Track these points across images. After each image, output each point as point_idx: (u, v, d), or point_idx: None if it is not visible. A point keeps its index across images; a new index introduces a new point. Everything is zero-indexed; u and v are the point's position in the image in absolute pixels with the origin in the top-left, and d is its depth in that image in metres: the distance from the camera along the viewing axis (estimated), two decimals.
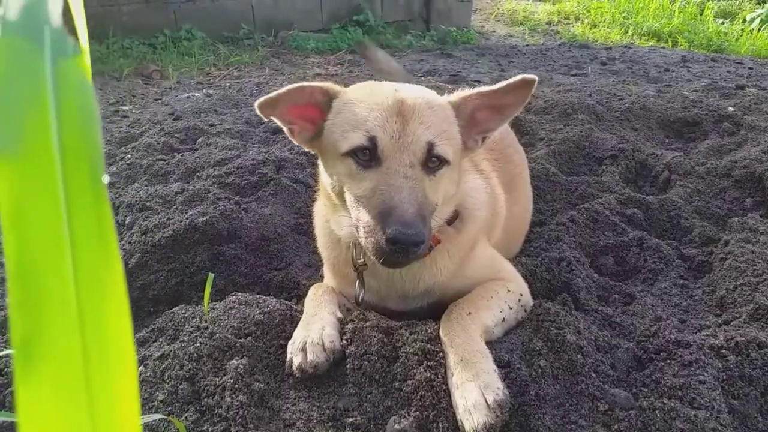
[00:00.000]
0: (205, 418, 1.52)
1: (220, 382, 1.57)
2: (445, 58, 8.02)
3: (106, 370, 0.30)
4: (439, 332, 1.70)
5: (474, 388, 1.45)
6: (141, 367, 1.64)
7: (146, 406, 1.54)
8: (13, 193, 0.31)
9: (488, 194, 1.98)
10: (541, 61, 7.78)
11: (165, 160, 3.53)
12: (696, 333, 1.89)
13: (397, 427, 1.42)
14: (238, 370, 1.59)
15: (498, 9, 12.26)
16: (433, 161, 1.59)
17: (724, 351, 1.72)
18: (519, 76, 1.56)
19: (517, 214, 2.36)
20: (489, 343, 1.68)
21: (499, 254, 2.04)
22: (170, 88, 6.05)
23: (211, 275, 1.88)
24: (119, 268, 0.32)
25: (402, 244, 1.42)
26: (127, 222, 2.71)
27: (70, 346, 0.30)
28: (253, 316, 1.80)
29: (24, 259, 0.30)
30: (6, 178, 0.32)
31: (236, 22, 8.35)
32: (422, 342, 1.66)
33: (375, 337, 1.68)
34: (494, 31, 10.97)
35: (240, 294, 2.00)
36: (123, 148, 3.78)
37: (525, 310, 1.88)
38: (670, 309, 2.13)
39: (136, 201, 2.85)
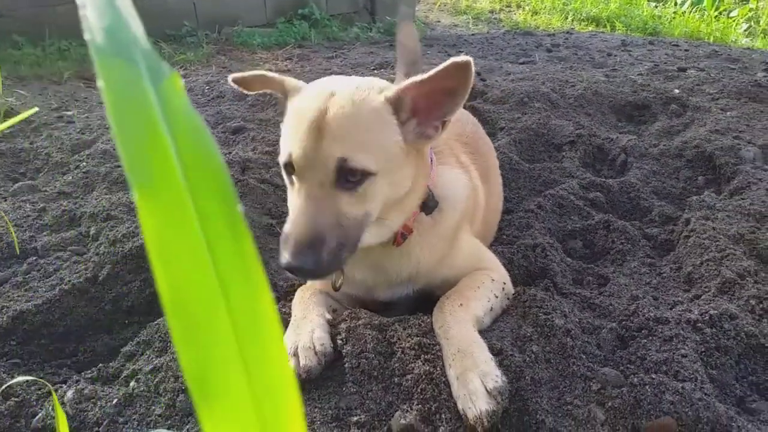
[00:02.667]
0: None
1: None
2: (394, 50, 7.95)
3: (273, 403, 0.30)
4: (432, 325, 1.72)
5: (473, 377, 1.48)
6: (133, 383, 1.59)
7: (144, 421, 1.50)
8: (155, 227, 0.30)
9: (468, 186, 2.01)
10: (488, 50, 7.88)
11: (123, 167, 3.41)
12: (671, 309, 1.98)
13: (402, 422, 1.44)
14: None
15: None
16: (351, 176, 1.56)
17: (700, 324, 1.81)
18: (450, 60, 1.53)
19: (492, 204, 2.41)
20: (480, 332, 1.71)
21: (481, 243, 2.08)
22: None
23: None
24: (269, 296, 0.31)
25: (292, 273, 1.51)
26: (92, 233, 2.62)
27: (237, 380, 0.29)
28: None
29: (176, 293, 0.29)
30: (149, 212, 0.30)
31: (178, 19, 8.10)
32: (417, 336, 1.67)
33: (369, 334, 1.68)
34: (439, 21, 11.04)
35: None
36: (76, 155, 3.62)
37: (508, 298, 1.93)
38: (643, 287, 2.22)
39: (99, 211, 2.75)
